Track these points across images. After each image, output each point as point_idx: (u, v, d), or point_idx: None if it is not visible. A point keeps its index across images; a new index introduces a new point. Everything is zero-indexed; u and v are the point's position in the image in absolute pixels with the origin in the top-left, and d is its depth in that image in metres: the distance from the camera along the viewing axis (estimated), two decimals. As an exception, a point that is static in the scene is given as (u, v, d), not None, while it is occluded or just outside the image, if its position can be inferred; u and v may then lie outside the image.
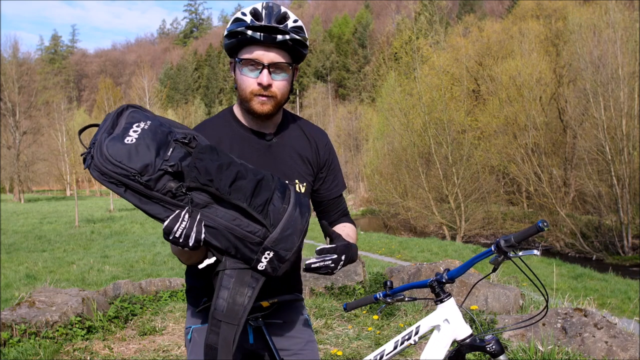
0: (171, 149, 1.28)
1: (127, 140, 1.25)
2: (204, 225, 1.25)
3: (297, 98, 72.66)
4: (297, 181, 1.63)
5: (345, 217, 1.78)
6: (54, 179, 55.05)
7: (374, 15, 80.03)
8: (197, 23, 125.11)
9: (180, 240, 1.23)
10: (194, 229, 1.23)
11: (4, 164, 47.11)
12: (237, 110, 1.64)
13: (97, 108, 75.94)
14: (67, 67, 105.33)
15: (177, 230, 1.23)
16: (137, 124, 1.30)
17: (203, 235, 1.25)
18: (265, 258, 1.27)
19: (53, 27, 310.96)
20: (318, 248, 1.48)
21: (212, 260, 1.33)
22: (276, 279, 1.61)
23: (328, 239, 1.58)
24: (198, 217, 1.24)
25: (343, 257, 1.49)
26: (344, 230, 1.69)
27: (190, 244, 1.24)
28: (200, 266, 1.36)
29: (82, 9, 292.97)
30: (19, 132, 47.94)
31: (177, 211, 1.24)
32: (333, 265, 1.47)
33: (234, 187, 1.26)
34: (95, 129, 1.33)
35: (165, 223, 1.24)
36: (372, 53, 63.96)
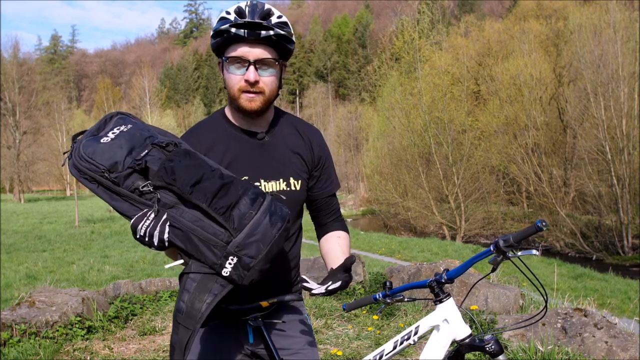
0: (146, 151, 1.31)
1: (103, 140, 1.32)
2: (169, 225, 1.26)
3: (297, 98, 72.68)
4: (291, 178, 1.62)
5: (338, 222, 1.77)
6: (54, 179, 55.05)
7: (374, 15, 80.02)
8: (197, 23, 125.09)
9: (146, 239, 1.25)
10: (158, 228, 1.24)
11: (4, 164, 47.13)
12: (228, 110, 1.64)
13: (96, 108, 75.94)
14: (67, 67, 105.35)
15: (142, 228, 1.24)
16: (118, 127, 1.37)
17: (166, 235, 1.25)
18: (230, 264, 1.24)
19: (53, 27, 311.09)
20: (330, 288, 1.50)
21: (179, 262, 1.32)
22: (276, 279, 1.62)
23: (338, 266, 1.58)
24: (164, 217, 1.26)
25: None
26: (340, 245, 1.71)
27: (155, 243, 1.25)
28: (166, 266, 1.38)
29: (82, 9, 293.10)
30: (19, 132, 47.96)
31: (144, 210, 1.26)
32: (345, 284, 1.53)
33: (197, 187, 1.27)
34: None
35: (132, 221, 1.26)
36: (372, 53, 63.99)
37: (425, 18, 28.88)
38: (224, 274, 1.25)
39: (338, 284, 1.49)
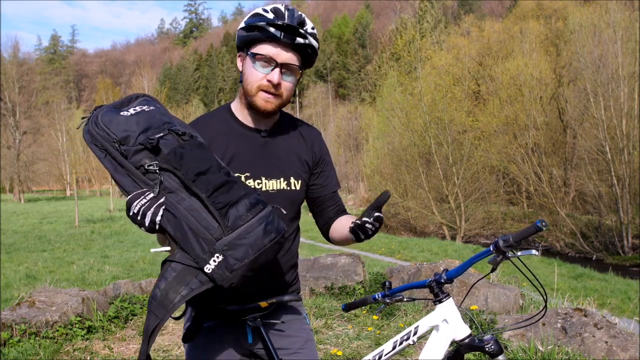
0: (161, 134, 1.31)
1: (122, 114, 1.34)
2: (165, 209, 1.25)
3: (297, 98, 72.67)
4: (292, 177, 1.63)
5: (342, 213, 1.76)
6: (54, 179, 55.04)
7: (374, 15, 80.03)
8: (196, 23, 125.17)
9: (138, 218, 1.24)
10: (152, 209, 1.24)
11: (4, 164, 47.13)
12: (235, 106, 1.64)
13: (96, 108, 75.95)
14: (66, 67, 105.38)
15: (137, 205, 1.24)
16: (140, 106, 1.38)
17: (159, 218, 1.24)
18: (214, 261, 1.22)
19: (53, 27, 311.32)
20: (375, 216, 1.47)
21: (166, 248, 1.32)
22: (275, 279, 1.62)
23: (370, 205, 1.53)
24: (161, 200, 1.25)
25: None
26: (348, 220, 1.65)
27: (146, 223, 1.24)
28: (152, 250, 1.37)
29: (82, 9, 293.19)
30: (19, 132, 47.98)
31: (143, 189, 1.26)
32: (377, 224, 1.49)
33: (201, 177, 1.27)
34: None
35: (129, 197, 1.26)
36: (372, 53, 64.00)
37: (428, 17, 28.87)
38: (206, 269, 1.23)
39: (377, 213, 1.47)
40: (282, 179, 1.61)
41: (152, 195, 1.25)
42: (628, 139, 22.52)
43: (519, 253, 1.47)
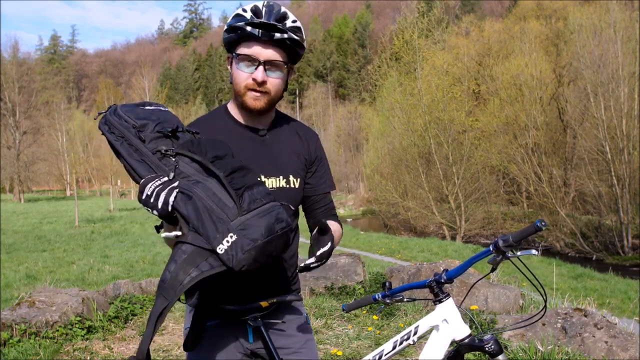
0: (176, 126, 1.38)
1: (140, 107, 1.42)
2: (179, 191, 1.25)
3: (297, 98, 72.67)
4: (291, 176, 1.64)
5: (332, 217, 1.76)
6: (54, 179, 55.07)
7: (374, 16, 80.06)
8: (197, 23, 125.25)
9: (151, 200, 1.23)
10: (166, 190, 1.24)
11: (4, 164, 47.13)
12: (231, 106, 1.66)
13: (96, 108, 76.00)
14: (67, 67, 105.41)
15: (150, 187, 1.24)
16: (155, 106, 1.46)
17: (172, 199, 1.23)
18: (227, 241, 1.21)
19: (53, 27, 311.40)
20: (318, 253, 1.46)
21: (177, 233, 1.28)
22: (275, 278, 1.62)
23: (316, 230, 1.52)
24: (175, 183, 1.26)
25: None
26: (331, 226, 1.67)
27: (159, 205, 1.23)
28: (162, 235, 1.34)
29: (82, 9, 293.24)
30: (19, 132, 47.98)
31: (156, 173, 1.28)
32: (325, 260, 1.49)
33: (219, 161, 1.30)
34: None
35: (143, 180, 1.27)
36: (372, 53, 64.01)
37: (430, 16, 28.84)
38: (219, 250, 1.21)
39: (327, 246, 1.45)
40: (281, 177, 1.62)
41: (166, 178, 1.27)
42: (628, 139, 22.52)
43: (518, 253, 1.47)
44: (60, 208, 35.30)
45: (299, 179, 1.65)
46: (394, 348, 1.65)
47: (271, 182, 1.60)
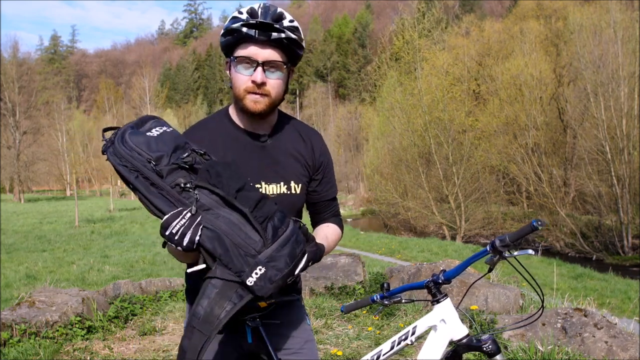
0: (187, 154, 1.33)
1: (148, 134, 1.34)
2: (203, 227, 1.26)
3: (297, 98, 72.67)
4: (292, 182, 1.62)
5: (335, 218, 1.78)
6: (54, 179, 55.06)
7: (374, 16, 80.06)
8: (197, 23, 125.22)
9: (175, 238, 1.23)
10: (192, 229, 1.24)
11: (4, 164, 47.13)
12: (232, 111, 1.64)
13: (96, 108, 76.05)
14: (67, 67, 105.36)
15: (175, 225, 1.23)
16: (159, 127, 1.39)
17: (198, 237, 1.25)
18: (256, 274, 1.25)
19: (53, 27, 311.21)
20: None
21: (202, 266, 1.31)
22: None
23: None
24: (199, 219, 1.25)
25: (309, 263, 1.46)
26: (324, 230, 1.70)
27: (184, 244, 1.24)
28: (189, 270, 1.35)
29: (82, 9, 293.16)
30: (19, 132, 47.99)
31: (179, 209, 1.25)
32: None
33: (241, 194, 1.29)
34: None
35: (166, 216, 1.25)
36: (372, 53, 63.99)
37: (429, 17, 28.82)
38: (248, 282, 1.25)
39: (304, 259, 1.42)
40: (282, 183, 1.61)
41: (190, 214, 1.25)
42: (628, 139, 22.53)
43: (515, 253, 1.47)
44: (60, 208, 35.30)
45: (300, 185, 1.64)
46: (392, 348, 1.66)
47: (272, 189, 1.59)
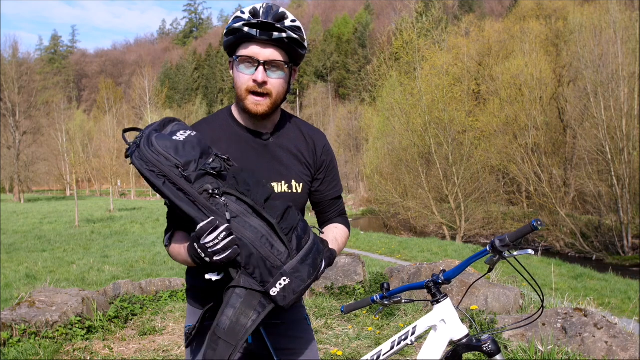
0: (212, 159, 1.32)
1: (175, 138, 1.32)
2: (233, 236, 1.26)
3: (297, 98, 72.65)
4: (293, 180, 1.63)
5: (341, 217, 1.78)
6: (54, 179, 55.05)
7: (374, 16, 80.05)
8: (196, 23, 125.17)
9: (208, 250, 1.23)
10: (226, 241, 1.23)
11: (4, 164, 47.14)
12: (234, 109, 1.64)
13: (97, 108, 76.03)
14: (67, 67, 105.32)
15: (210, 238, 1.23)
16: (184, 131, 1.38)
17: (231, 251, 1.24)
18: (280, 284, 1.26)
19: (53, 27, 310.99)
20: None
21: (221, 275, 1.31)
22: None
23: None
24: (231, 233, 1.25)
25: (322, 267, 1.47)
26: (333, 232, 1.70)
27: (220, 259, 1.24)
28: (207, 276, 1.32)
29: (82, 9, 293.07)
30: (19, 132, 47.99)
31: (211, 218, 1.24)
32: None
33: (268, 204, 1.30)
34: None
35: (200, 225, 1.23)
36: (372, 53, 63.97)
37: (429, 17, 28.83)
38: (272, 293, 1.26)
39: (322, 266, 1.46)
40: (283, 182, 1.61)
41: (225, 224, 1.24)
42: (628, 139, 22.52)
43: (515, 253, 1.48)
44: (60, 208, 35.29)
45: (301, 184, 1.64)
46: (392, 348, 1.66)
47: (273, 187, 1.60)
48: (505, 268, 7.22)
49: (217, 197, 1.27)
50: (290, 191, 1.62)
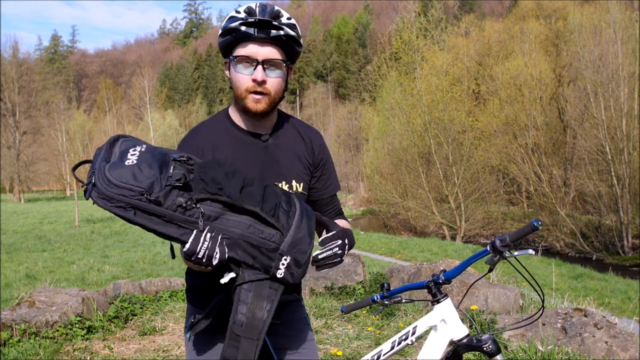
0: (172, 167, 1.27)
1: (128, 162, 1.24)
2: (221, 238, 1.25)
3: (297, 98, 72.64)
4: (293, 181, 1.63)
5: (339, 215, 1.78)
6: (54, 179, 54.98)
7: (374, 16, 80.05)
8: (196, 23, 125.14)
9: (204, 261, 1.23)
10: (217, 249, 1.23)
11: (4, 164, 47.14)
12: (232, 111, 1.64)
13: (97, 108, 76.02)
14: (67, 67, 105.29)
15: (200, 251, 1.22)
16: (133, 149, 1.30)
17: (227, 255, 1.25)
18: (283, 264, 1.27)
19: (53, 27, 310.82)
20: (320, 239, 1.49)
21: (233, 274, 1.30)
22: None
23: (324, 229, 1.55)
24: (219, 236, 1.24)
25: (346, 241, 1.49)
26: (341, 223, 1.69)
27: (214, 264, 1.24)
28: (223, 281, 1.31)
29: (82, 9, 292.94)
30: (19, 132, 47.99)
31: (195, 232, 1.23)
32: (340, 251, 1.47)
33: (244, 193, 1.27)
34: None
35: (187, 247, 1.22)
36: (372, 53, 63.97)
37: (428, 16, 28.82)
38: (278, 275, 1.27)
39: (327, 252, 1.46)
40: (284, 182, 1.61)
41: (209, 235, 1.22)
42: (628, 139, 22.52)
43: (515, 253, 1.48)
44: (60, 208, 35.29)
45: (302, 184, 1.65)
46: (392, 348, 1.66)
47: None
48: (506, 268, 7.22)
49: (193, 207, 1.23)
50: (290, 191, 1.62)
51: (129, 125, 59.56)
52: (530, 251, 1.46)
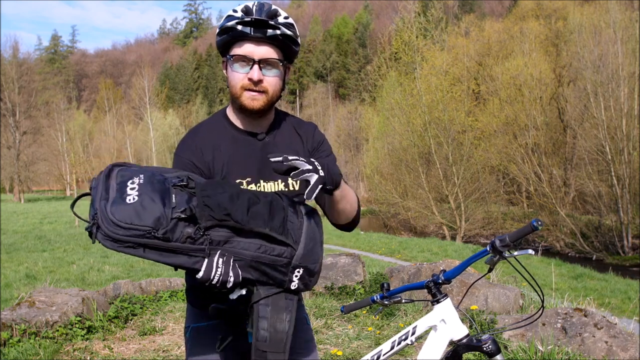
0: (174, 195, 1.24)
1: (129, 200, 1.20)
2: (233, 260, 1.25)
3: (297, 98, 72.64)
4: (289, 178, 1.62)
5: None
6: (54, 179, 55.08)
7: (373, 16, 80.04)
8: (196, 23, 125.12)
9: (219, 285, 1.25)
10: (230, 272, 1.24)
11: (4, 164, 47.16)
12: (229, 111, 1.64)
13: (96, 108, 76.04)
14: (67, 67, 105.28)
15: (214, 277, 1.23)
16: (130, 181, 1.26)
17: (239, 276, 1.26)
18: (296, 276, 1.29)
19: (53, 27, 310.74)
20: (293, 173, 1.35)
21: (243, 291, 1.31)
22: None
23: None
24: (231, 261, 1.24)
25: (318, 165, 1.36)
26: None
27: (230, 286, 1.26)
28: (232, 296, 1.32)
29: (82, 9, 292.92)
30: (19, 132, 48.01)
31: (206, 260, 1.22)
32: (310, 167, 1.34)
33: (251, 214, 1.26)
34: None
35: (200, 275, 1.23)
36: (372, 53, 63.96)
37: (428, 16, 28.82)
38: (292, 287, 1.29)
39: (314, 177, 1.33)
40: (279, 181, 1.61)
41: (221, 261, 1.22)
42: (628, 139, 22.53)
43: (515, 253, 1.48)
44: (60, 208, 35.29)
45: (298, 181, 1.64)
46: (392, 348, 1.66)
47: (269, 187, 1.59)
48: (505, 268, 7.22)
49: (201, 235, 1.22)
50: (287, 189, 1.62)
51: (129, 125, 59.55)
52: (530, 251, 1.47)
